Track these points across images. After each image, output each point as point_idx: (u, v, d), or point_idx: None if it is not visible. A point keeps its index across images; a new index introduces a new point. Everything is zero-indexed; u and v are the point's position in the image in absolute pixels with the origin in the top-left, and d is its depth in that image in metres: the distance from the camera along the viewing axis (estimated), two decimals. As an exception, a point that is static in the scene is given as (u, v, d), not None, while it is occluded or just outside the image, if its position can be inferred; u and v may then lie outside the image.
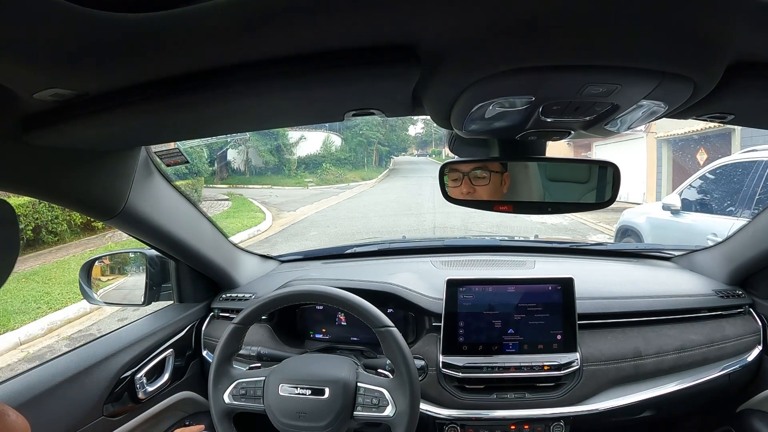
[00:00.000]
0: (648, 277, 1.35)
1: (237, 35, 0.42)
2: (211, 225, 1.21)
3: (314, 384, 0.92)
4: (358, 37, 0.44)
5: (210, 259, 1.22)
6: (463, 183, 0.82)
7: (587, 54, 0.42)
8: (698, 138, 8.50)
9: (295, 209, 11.22)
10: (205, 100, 0.55)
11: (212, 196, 12.88)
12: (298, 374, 0.94)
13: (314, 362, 0.98)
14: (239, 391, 0.95)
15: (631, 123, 0.61)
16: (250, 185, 16.73)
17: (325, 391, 0.91)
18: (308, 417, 0.90)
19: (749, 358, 1.17)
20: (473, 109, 0.54)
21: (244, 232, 8.03)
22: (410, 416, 0.89)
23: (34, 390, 0.85)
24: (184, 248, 1.12)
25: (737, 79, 0.50)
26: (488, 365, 1.10)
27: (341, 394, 0.91)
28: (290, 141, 19.36)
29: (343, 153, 21.58)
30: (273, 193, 14.51)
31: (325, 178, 18.57)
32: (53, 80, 0.47)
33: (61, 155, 0.71)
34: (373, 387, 0.93)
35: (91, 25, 0.36)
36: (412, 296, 1.19)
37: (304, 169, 19.57)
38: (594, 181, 0.80)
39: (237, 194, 13.81)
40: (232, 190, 14.95)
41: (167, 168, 1.00)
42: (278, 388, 0.92)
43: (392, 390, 0.92)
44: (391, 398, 0.91)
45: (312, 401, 0.91)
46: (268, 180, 17.80)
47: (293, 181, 17.96)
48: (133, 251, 1.31)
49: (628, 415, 1.12)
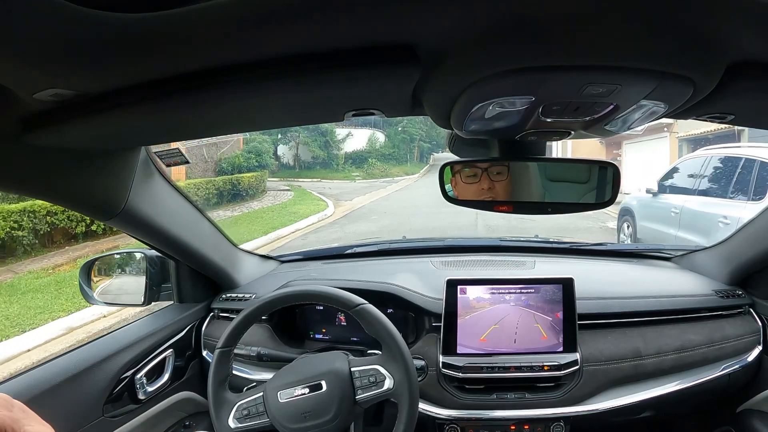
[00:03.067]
0: (648, 277, 1.35)
1: (237, 35, 0.42)
2: (211, 225, 1.21)
3: (309, 381, 0.92)
4: (358, 37, 0.44)
5: (210, 259, 1.22)
6: (463, 183, 0.82)
7: (587, 54, 0.42)
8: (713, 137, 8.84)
9: (350, 199, 12.25)
10: (204, 100, 0.55)
11: (275, 187, 13.71)
12: (292, 377, 0.95)
13: (305, 363, 0.99)
14: (242, 413, 0.94)
15: (631, 123, 0.61)
16: (300, 179, 17.37)
17: (321, 384, 0.91)
18: (313, 415, 0.90)
19: (749, 358, 1.17)
20: (473, 109, 0.54)
21: (314, 216, 9.29)
22: (410, 381, 0.90)
23: (34, 390, 0.85)
24: (184, 248, 1.12)
25: (737, 79, 0.50)
26: (488, 365, 1.09)
27: (338, 383, 0.91)
28: (338, 137, 20.04)
29: (387, 149, 22.29)
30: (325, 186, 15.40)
31: (371, 172, 19.29)
32: (53, 80, 0.47)
33: (61, 155, 0.71)
34: (366, 366, 0.94)
35: (91, 25, 0.36)
36: (411, 296, 1.19)
37: (351, 164, 20.21)
38: (594, 181, 0.80)
39: (296, 186, 14.68)
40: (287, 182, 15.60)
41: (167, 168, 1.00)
42: (277, 396, 0.93)
43: (385, 363, 0.93)
44: (386, 371, 0.92)
45: (312, 398, 0.91)
46: (317, 174, 18.34)
47: (341, 175, 18.56)
48: (133, 251, 1.31)
49: (628, 415, 1.12)
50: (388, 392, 0.91)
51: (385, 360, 0.94)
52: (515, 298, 1.13)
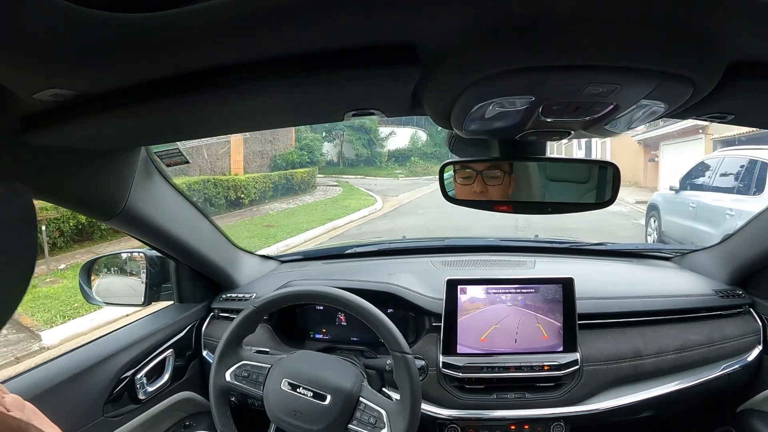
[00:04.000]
0: (648, 277, 1.35)
1: (237, 35, 0.42)
2: (211, 225, 1.21)
3: (318, 388, 0.92)
4: (358, 37, 0.44)
5: (210, 259, 1.22)
6: (463, 183, 0.82)
7: (587, 54, 0.42)
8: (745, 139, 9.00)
9: (397, 195, 12.81)
10: (205, 100, 0.55)
11: (324, 183, 14.32)
12: (303, 374, 0.94)
13: (322, 364, 0.98)
14: (242, 372, 0.95)
15: (631, 123, 0.61)
16: (344, 175, 17.64)
17: (326, 397, 0.91)
18: (303, 418, 0.90)
19: (749, 358, 1.17)
20: (473, 109, 0.54)
21: (365, 210, 9.91)
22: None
23: (34, 390, 0.85)
24: (184, 248, 1.12)
25: (737, 79, 0.50)
26: (488, 365, 1.09)
27: (341, 405, 0.91)
28: (381, 135, 20.31)
29: (429, 147, 22.48)
30: (370, 182, 15.87)
31: (414, 170, 19.52)
32: (53, 80, 0.47)
33: (60, 155, 0.71)
34: (374, 406, 0.92)
35: (91, 25, 0.36)
36: (411, 296, 1.19)
37: (394, 162, 20.46)
38: (594, 181, 0.80)
39: (343, 181, 15.17)
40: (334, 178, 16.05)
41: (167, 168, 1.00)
42: (281, 382, 0.92)
43: (392, 414, 0.92)
44: (389, 422, 0.91)
45: (311, 404, 0.91)
46: (360, 171, 18.56)
47: (384, 172, 18.90)
48: (133, 251, 1.31)
49: (628, 415, 1.12)
50: None
51: (394, 411, 0.92)
52: (515, 298, 1.13)
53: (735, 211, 4.18)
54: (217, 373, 0.96)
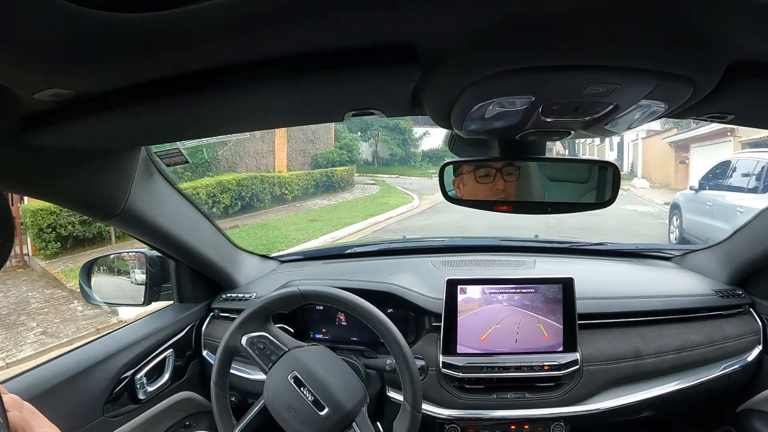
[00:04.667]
0: (648, 277, 1.35)
1: (237, 35, 0.42)
2: (211, 225, 1.21)
3: (320, 395, 0.91)
4: (358, 37, 0.44)
5: (210, 259, 1.22)
6: (464, 183, 0.82)
7: (587, 54, 0.42)
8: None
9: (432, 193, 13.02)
10: (205, 100, 0.54)
11: (361, 181, 14.67)
12: (312, 375, 0.93)
13: (333, 371, 0.97)
14: (259, 343, 0.95)
15: (631, 123, 0.61)
16: (378, 174, 17.88)
17: (325, 408, 0.90)
18: (295, 416, 0.90)
19: (749, 358, 1.17)
20: (473, 109, 0.54)
21: (403, 207, 10.33)
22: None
23: (34, 390, 0.85)
24: (184, 248, 1.12)
25: (737, 79, 0.50)
26: (488, 365, 1.09)
27: (335, 421, 0.90)
28: (415, 136, 20.49)
29: None
30: (405, 181, 16.16)
31: None
32: (53, 80, 0.47)
33: (60, 155, 0.71)
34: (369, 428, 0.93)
35: (91, 25, 0.36)
36: (411, 296, 1.19)
37: (428, 162, 20.50)
38: (594, 181, 0.80)
39: (380, 180, 15.54)
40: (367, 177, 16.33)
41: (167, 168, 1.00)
42: (288, 373, 0.92)
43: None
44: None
45: (308, 408, 0.90)
46: (395, 170, 18.75)
47: (418, 172, 19.05)
48: (133, 251, 1.31)
49: (627, 415, 1.12)
50: None
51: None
52: (515, 298, 1.13)
53: (744, 208, 4.59)
54: (234, 334, 0.96)
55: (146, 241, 1.06)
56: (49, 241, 6.46)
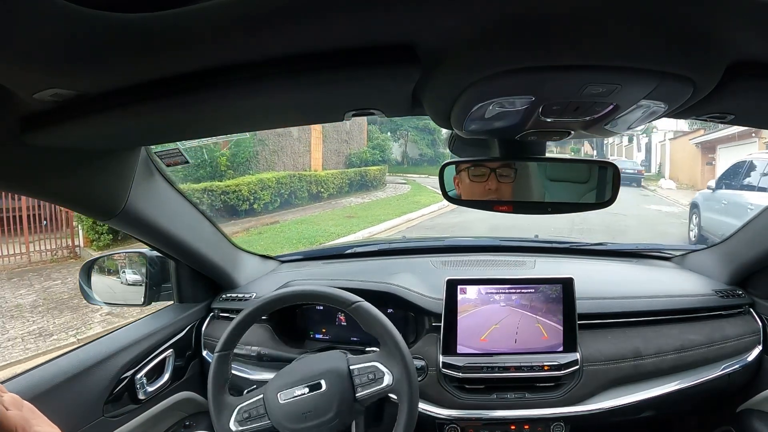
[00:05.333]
0: (648, 277, 1.35)
1: (237, 35, 0.42)
2: (211, 225, 1.21)
3: (309, 381, 0.93)
4: (358, 37, 0.44)
5: (210, 259, 1.22)
6: (464, 183, 0.82)
7: (587, 54, 0.42)
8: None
9: None
10: (205, 100, 0.55)
11: (393, 180, 15.11)
12: (291, 378, 0.95)
13: (304, 363, 0.99)
14: (243, 415, 0.95)
15: (631, 123, 0.61)
16: (408, 174, 18.14)
17: (321, 384, 0.92)
18: (314, 414, 0.91)
19: (749, 358, 1.17)
20: (473, 109, 0.54)
21: (434, 205, 10.42)
22: (409, 377, 0.91)
23: (34, 390, 0.85)
24: (184, 248, 1.12)
25: (737, 79, 0.50)
26: (488, 365, 1.09)
27: (337, 382, 0.92)
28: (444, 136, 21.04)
29: None
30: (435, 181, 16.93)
31: None
32: (53, 80, 0.47)
33: (60, 155, 0.71)
34: (365, 364, 0.94)
35: (92, 25, 0.36)
36: (411, 296, 1.19)
37: None
38: (594, 181, 0.80)
39: (410, 179, 15.89)
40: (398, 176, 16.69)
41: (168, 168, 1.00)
42: (277, 397, 0.93)
43: (383, 360, 0.94)
44: (385, 368, 0.93)
45: (312, 398, 0.91)
46: (423, 170, 18.99)
47: None
48: (133, 251, 1.31)
49: (628, 415, 1.12)
50: (387, 388, 0.92)
51: (383, 356, 0.94)
52: (515, 298, 1.13)
53: (754, 206, 5.00)
54: (222, 429, 0.95)
55: (146, 241, 1.06)
56: (102, 233, 6.79)
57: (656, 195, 12.62)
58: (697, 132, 13.66)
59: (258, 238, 7.72)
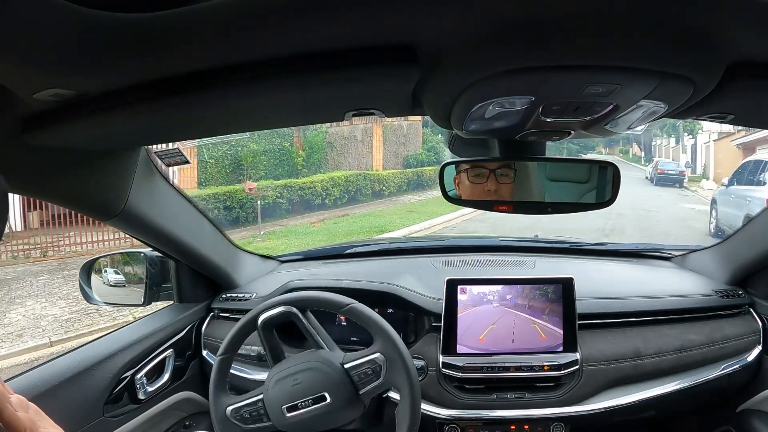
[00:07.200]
0: (648, 277, 1.35)
1: (237, 35, 0.42)
2: (211, 225, 1.21)
3: (312, 394, 0.92)
4: (358, 37, 0.44)
5: (210, 259, 1.22)
6: (463, 183, 0.82)
7: (587, 54, 0.42)
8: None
9: None
10: (205, 100, 0.55)
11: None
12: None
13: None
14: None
15: (631, 123, 0.61)
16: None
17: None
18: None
19: (749, 358, 1.17)
20: (473, 109, 0.54)
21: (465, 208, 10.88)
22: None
23: (33, 390, 0.85)
24: (184, 248, 1.12)
25: (737, 79, 0.50)
26: (488, 365, 1.09)
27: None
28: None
29: None
30: None
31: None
32: (53, 80, 0.47)
33: (60, 155, 0.71)
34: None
35: (92, 25, 0.36)
36: (411, 296, 1.19)
37: None
38: (594, 181, 0.80)
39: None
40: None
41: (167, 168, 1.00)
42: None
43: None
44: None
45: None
46: None
47: None
48: (133, 251, 1.31)
49: (628, 415, 1.12)
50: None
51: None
52: (515, 297, 1.13)
53: (751, 198, 5.78)
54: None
55: (146, 241, 1.06)
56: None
57: (696, 195, 12.64)
58: (739, 133, 13.60)
59: (334, 227, 9.01)
